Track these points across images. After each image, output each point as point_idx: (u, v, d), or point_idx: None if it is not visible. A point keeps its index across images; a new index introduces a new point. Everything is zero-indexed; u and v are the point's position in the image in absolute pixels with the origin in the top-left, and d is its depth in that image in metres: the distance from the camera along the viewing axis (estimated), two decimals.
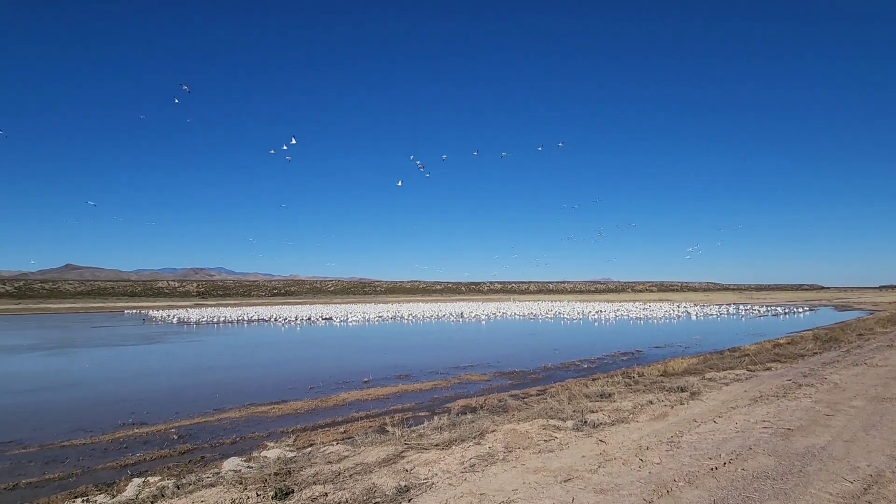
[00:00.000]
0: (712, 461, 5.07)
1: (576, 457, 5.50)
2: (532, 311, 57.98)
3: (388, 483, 4.97)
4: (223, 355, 22.57)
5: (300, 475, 5.60)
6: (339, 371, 16.48)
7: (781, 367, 11.27)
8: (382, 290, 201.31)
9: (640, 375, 12.10)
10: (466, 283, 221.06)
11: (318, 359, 20.60)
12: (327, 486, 5.04)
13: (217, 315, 53.93)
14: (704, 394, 8.62)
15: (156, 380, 15.84)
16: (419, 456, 5.94)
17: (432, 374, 15.63)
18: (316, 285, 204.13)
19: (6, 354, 23.26)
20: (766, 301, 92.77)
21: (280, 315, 53.10)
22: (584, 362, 17.77)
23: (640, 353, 20.38)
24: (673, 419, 7.00)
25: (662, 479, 4.63)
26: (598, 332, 32.47)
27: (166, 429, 9.71)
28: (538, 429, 6.89)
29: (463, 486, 4.77)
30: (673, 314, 49.28)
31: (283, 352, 23.64)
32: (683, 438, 5.95)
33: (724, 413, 7.16)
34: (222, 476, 6.28)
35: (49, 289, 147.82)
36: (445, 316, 51.78)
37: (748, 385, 9.32)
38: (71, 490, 6.66)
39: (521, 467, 5.25)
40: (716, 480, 4.56)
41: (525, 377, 15.01)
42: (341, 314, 54.14)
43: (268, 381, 14.84)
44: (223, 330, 37.49)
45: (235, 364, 19.24)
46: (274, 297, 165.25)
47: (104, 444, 8.87)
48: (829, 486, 4.32)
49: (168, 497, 5.39)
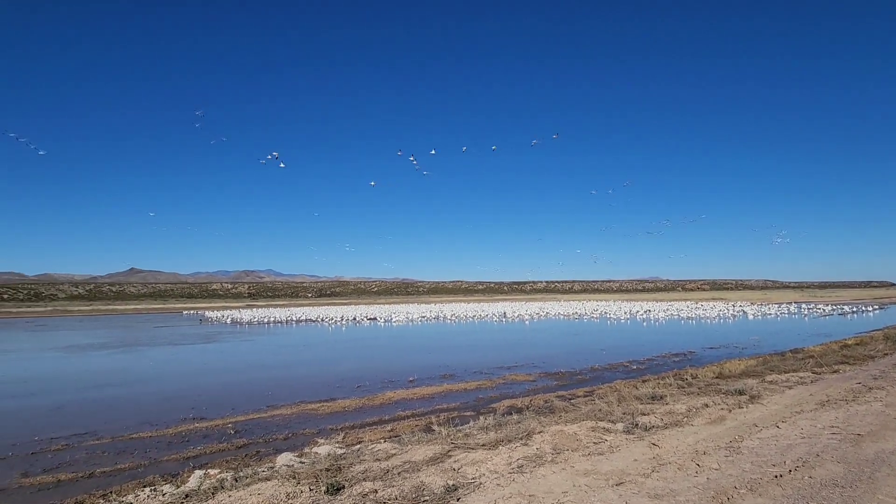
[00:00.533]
0: (776, 468, 4.80)
1: (627, 460, 5.35)
2: (577, 311, 56.85)
3: (436, 482, 5.01)
4: (274, 354, 23.46)
5: (350, 471, 5.73)
6: (384, 370, 16.76)
7: (850, 370, 10.53)
8: (425, 290, 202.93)
9: (693, 377, 11.63)
10: (509, 282, 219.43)
11: (364, 358, 21.03)
12: (377, 483, 5.13)
13: (267, 315, 56.04)
14: (765, 397, 8.18)
15: (213, 377, 16.65)
16: (466, 455, 5.95)
17: (476, 374, 15.61)
18: (360, 286, 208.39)
19: (81, 353, 25.10)
20: (831, 299, 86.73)
21: (326, 315, 54.57)
22: (632, 363, 17.25)
23: (692, 354, 19.58)
24: (731, 423, 6.68)
25: (722, 486, 4.43)
26: (646, 332, 31.43)
27: (223, 424, 10.19)
28: (587, 431, 6.75)
29: (511, 487, 4.74)
30: (727, 314, 47.00)
31: (330, 351, 24.29)
32: (744, 444, 5.66)
33: (788, 418, 6.77)
34: (276, 470, 6.52)
35: (116, 291, 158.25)
36: (488, 316, 51.60)
37: (814, 388, 8.77)
38: (140, 479, 7.10)
39: (570, 469, 5.16)
40: (780, 488, 4.31)
41: (571, 378, 14.74)
42: (385, 314, 55.00)
43: (316, 380, 15.29)
44: (273, 330, 38.92)
45: (285, 362, 19.95)
46: (320, 297, 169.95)
47: (168, 437, 9.41)
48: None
49: (227, 489, 5.65)
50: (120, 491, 6.67)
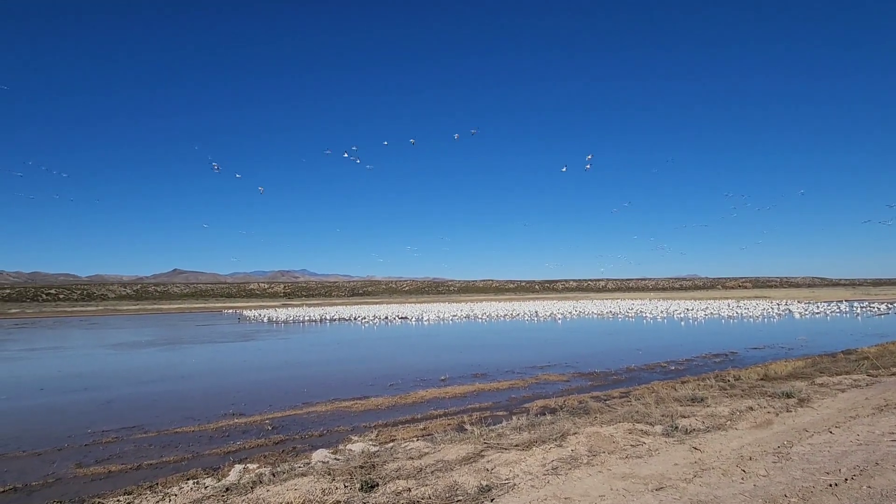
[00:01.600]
0: (830, 476, 4.53)
1: (667, 464, 5.16)
2: (611, 310, 55.66)
3: (469, 481, 4.96)
4: (309, 352, 23.96)
5: (384, 469, 5.75)
6: (416, 369, 16.83)
7: None
8: (455, 289, 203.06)
9: (736, 379, 11.17)
10: (540, 281, 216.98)
11: (396, 357, 21.19)
12: (410, 482, 5.13)
13: (302, 314, 57.30)
14: (816, 401, 7.76)
15: (251, 374, 17.12)
16: (499, 456, 5.88)
17: (509, 374, 15.48)
18: (391, 285, 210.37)
19: (129, 350, 26.31)
20: (887, 297, 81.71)
21: (359, 314, 55.36)
22: (670, 363, 16.73)
23: (734, 354, 18.83)
24: (779, 427, 6.36)
25: (770, 494, 4.20)
26: (684, 331, 30.44)
27: (261, 420, 10.44)
28: (623, 433, 6.56)
29: (546, 489, 4.65)
30: (772, 313, 45.00)
31: (363, 350, 24.59)
32: (793, 449, 5.38)
33: (842, 423, 6.39)
34: (312, 466, 6.62)
35: (160, 291, 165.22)
36: (520, 315, 51.16)
37: (870, 392, 8.26)
38: (184, 472, 7.36)
39: (606, 472, 5.01)
40: (836, 498, 4.06)
41: (606, 378, 14.41)
42: (416, 313, 55.35)
43: (350, 378, 15.50)
44: (308, 328, 39.75)
45: (320, 360, 20.33)
46: (352, 297, 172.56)
47: (209, 432, 9.71)
48: None
49: (265, 483, 5.76)
50: (165, 483, 6.92)
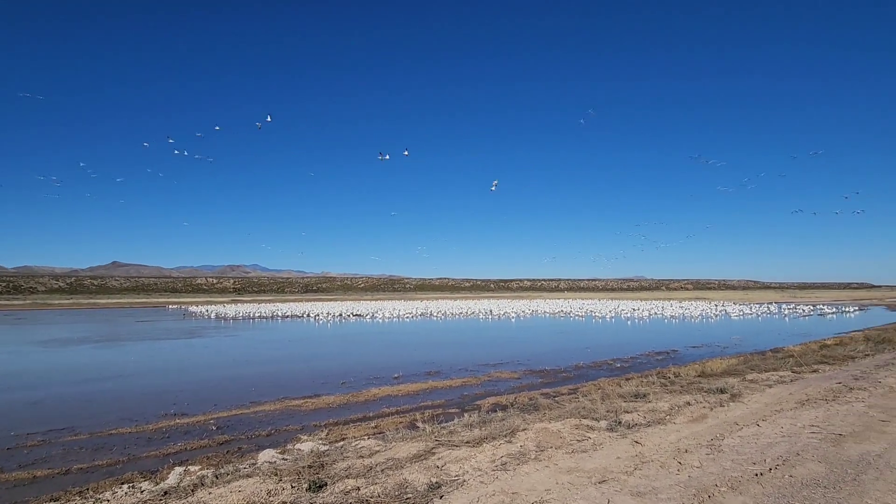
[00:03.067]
0: (757, 466, 4.85)
1: (610, 458, 5.37)
2: (563, 309, 57.21)
3: (419, 479, 4.97)
4: (258, 350, 23.21)
5: (333, 468, 5.67)
6: (369, 367, 16.67)
7: (830, 370, 10.72)
8: (411, 287, 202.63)
9: (676, 376, 11.75)
10: (496, 280, 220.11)
11: (349, 354, 20.89)
12: (359, 481, 5.08)
13: (252, 311, 55.47)
14: (746, 396, 8.28)
15: (196, 372, 16.40)
16: (450, 453, 5.92)
17: (462, 372, 15.60)
18: (346, 282, 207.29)
19: (60, 347, 24.57)
20: (811, 300, 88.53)
21: (312, 311, 54.18)
22: (616, 361, 17.39)
23: (675, 352, 19.80)
24: (713, 421, 6.75)
25: (703, 484, 4.45)
26: (631, 330, 31.74)
27: (205, 420, 10.03)
28: (570, 428, 6.76)
29: (495, 485, 4.72)
30: (710, 313, 47.68)
31: (315, 347, 24.09)
32: (725, 442, 5.72)
33: (769, 416, 6.86)
34: (258, 467, 6.43)
35: (97, 285, 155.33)
36: (475, 313, 51.69)
37: (793, 387, 8.91)
38: (118, 476, 6.96)
39: (553, 467, 5.15)
40: (761, 487, 4.35)
41: (556, 375, 14.80)
42: (371, 311, 54.79)
43: (301, 376, 15.15)
44: (258, 325, 38.53)
45: (270, 358, 19.73)
46: (306, 293, 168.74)
47: (148, 433, 9.23)
48: (889, 497, 4.06)
49: (207, 486, 5.54)
50: (97, 488, 6.52)
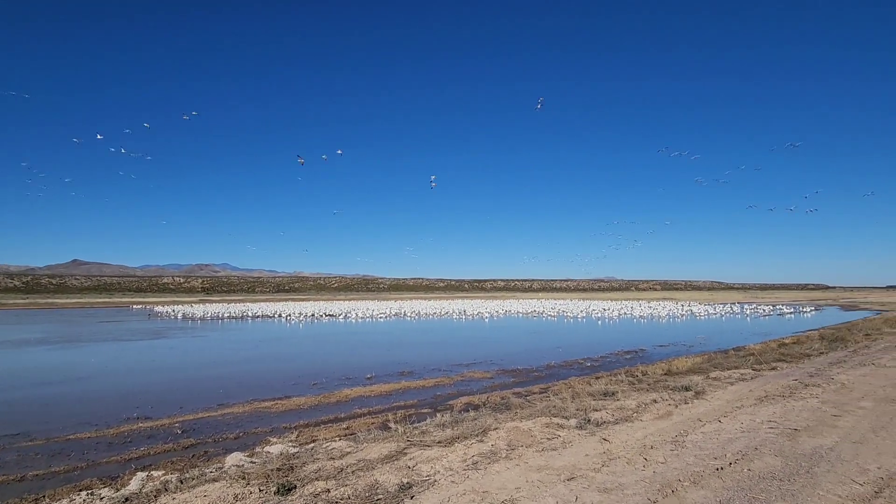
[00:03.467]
0: (717, 461, 5.02)
1: (579, 455, 5.46)
2: (535, 309, 57.88)
3: (390, 480, 4.95)
4: (227, 351, 22.67)
5: (302, 471, 5.59)
6: (341, 367, 16.50)
7: (787, 367, 11.17)
8: (385, 287, 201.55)
9: (643, 374, 12.04)
10: (470, 280, 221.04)
11: (321, 355, 20.63)
12: (329, 482, 5.03)
13: (221, 311, 54.17)
14: (709, 393, 8.56)
15: (160, 375, 15.90)
16: (422, 453, 5.92)
17: (435, 372, 15.61)
18: (319, 282, 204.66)
19: (15, 349, 23.44)
20: (771, 300, 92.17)
21: (283, 311, 53.25)
22: (587, 360, 17.70)
23: (643, 351, 20.29)
24: (677, 418, 6.95)
25: (667, 479, 4.58)
26: (601, 330, 32.36)
27: (170, 423, 9.74)
28: (541, 427, 6.85)
29: (465, 484, 4.74)
30: (677, 313, 49.06)
31: (287, 348, 23.69)
32: (688, 438, 5.90)
33: (729, 413, 7.10)
34: (225, 471, 6.28)
35: (56, 284, 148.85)
36: (448, 313, 51.77)
37: (753, 385, 9.25)
38: (76, 483, 6.69)
39: (523, 465, 5.21)
40: (721, 481, 4.51)
41: (528, 375, 14.97)
42: (344, 311, 54.23)
43: (271, 377, 14.87)
44: (227, 326, 37.64)
45: (239, 359, 19.30)
46: (277, 293, 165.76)
47: (109, 437, 8.90)
48: (839, 489, 4.26)
49: (171, 491, 5.39)
50: (54, 495, 6.26)
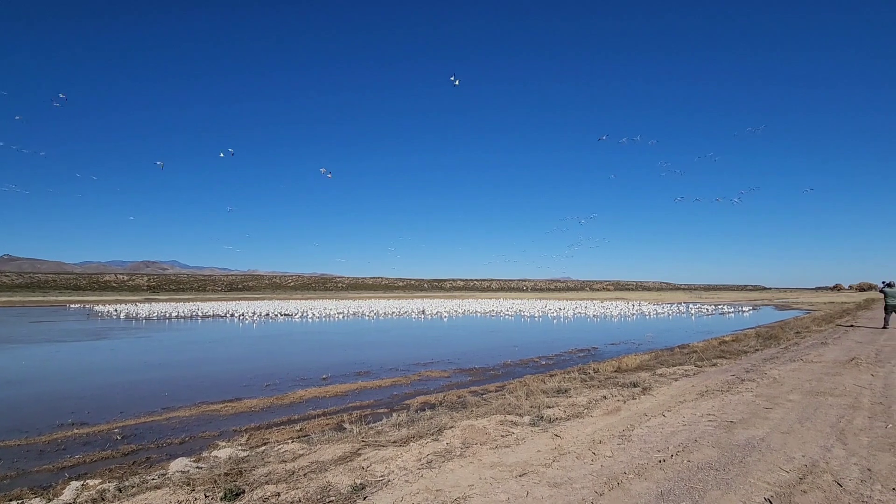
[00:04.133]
0: (660, 453, 5.26)
1: (531, 451, 5.59)
2: (493, 309, 58.62)
3: (343, 481, 4.89)
4: (174, 352, 21.68)
5: (252, 475, 5.43)
6: (296, 368, 16.14)
7: (726, 363, 11.83)
8: (344, 286, 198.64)
9: (595, 371, 12.43)
10: (429, 280, 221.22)
11: (276, 355, 20.09)
12: (280, 486, 4.91)
13: (169, 310, 51.78)
14: (655, 389, 8.94)
15: (100, 377, 15.02)
16: (376, 453, 5.88)
17: (392, 371, 15.54)
18: (275, 281, 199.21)
19: None
20: (714, 300, 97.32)
21: (236, 311, 51.51)
22: (542, 359, 18.10)
23: (596, 349, 20.95)
24: (625, 413, 7.22)
25: (613, 472, 4.76)
26: (556, 329, 33.17)
27: (109, 429, 9.23)
28: (496, 424, 6.95)
29: (419, 483, 4.75)
30: (628, 312, 50.95)
31: (239, 348, 22.92)
32: (634, 432, 6.14)
33: (673, 407, 7.45)
34: (169, 477, 6.02)
35: None
36: (407, 313, 51.62)
37: (696, 380, 9.74)
38: (4, 493, 6.24)
39: (477, 463, 5.28)
40: (663, 472, 4.73)
41: (485, 374, 15.15)
42: (301, 310, 53.05)
43: (221, 379, 14.36)
44: (175, 325, 36.02)
45: (187, 361, 18.51)
46: (231, 292, 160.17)
47: (41, 445, 8.34)
48: (767, 476, 4.56)
49: (108, 500, 5.12)
50: None
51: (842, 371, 10.16)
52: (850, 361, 11.37)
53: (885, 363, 11.12)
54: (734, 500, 4.08)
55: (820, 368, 10.56)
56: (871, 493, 4.19)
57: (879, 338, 16.60)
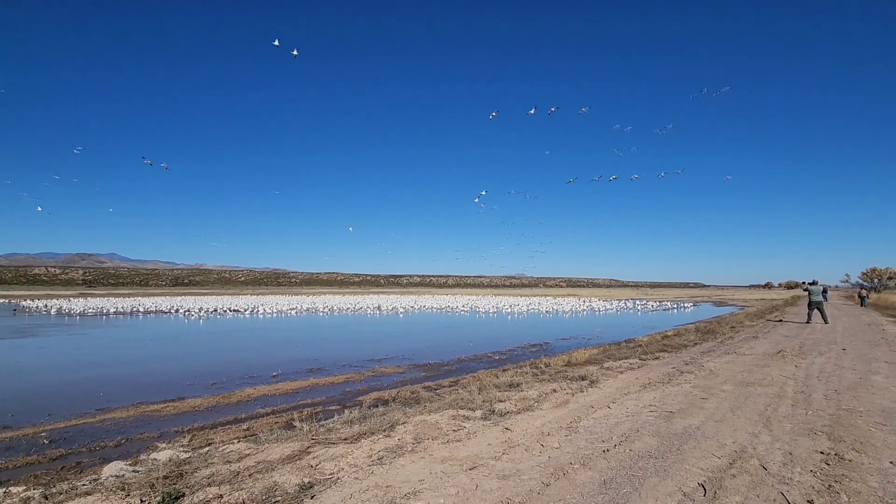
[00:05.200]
0: (605, 444, 5.46)
1: (482, 445, 5.66)
2: (449, 305, 58.93)
3: (290, 480, 4.78)
4: (111, 350, 20.43)
5: (193, 477, 5.21)
6: (245, 366, 15.61)
7: (668, 357, 12.42)
8: (298, 281, 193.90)
9: (546, 366, 12.74)
10: (386, 275, 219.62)
11: (223, 353, 19.35)
12: (223, 488, 4.74)
13: (107, 306, 48.79)
14: (602, 382, 9.27)
15: (25, 378, 13.94)
16: (326, 451, 5.79)
17: (346, 368, 15.32)
18: (225, 275, 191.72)
19: None
20: (659, 297, 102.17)
21: (182, 306, 49.22)
22: (496, 354, 18.37)
23: (548, 344, 21.49)
24: (573, 406, 7.45)
25: (560, 463, 4.90)
26: (510, 325, 33.75)
27: (35, 433, 8.60)
28: (448, 419, 6.99)
29: (369, 480, 4.71)
30: (579, 308, 52.60)
31: (183, 346, 21.89)
32: (581, 424, 6.34)
33: (618, 399, 7.75)
34: (101, 482, 5.68)
35: None
36: (363, 308, 51.05)
37: (640, 373, 10.17)
38: None
39: (428, 458, 5.29)
40: (606, 461, 4.91)
41: (439, 369, 15.21)
42: (252, 306, 51.34)
43: (163, 378, 13.68)
44: (113, 322, 33.98)
45: (125, 359, 17.49)
46: (176, 286, 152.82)
47: None
48: (701, 462, 4.83)
49: None
50: None
51: (770, 363, 10.90)
52: (778, 354, 12.22)
53: (807, 355, 12.02)
54: (670, 486, 4.30)
55: (751, 360, 11.28)
56: (791, 475, 4.52)
57: (803, 332, 17.95)
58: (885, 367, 10.37)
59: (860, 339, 15.63)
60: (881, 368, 10.16)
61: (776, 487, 4.27)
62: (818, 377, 9.22)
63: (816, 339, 15.65)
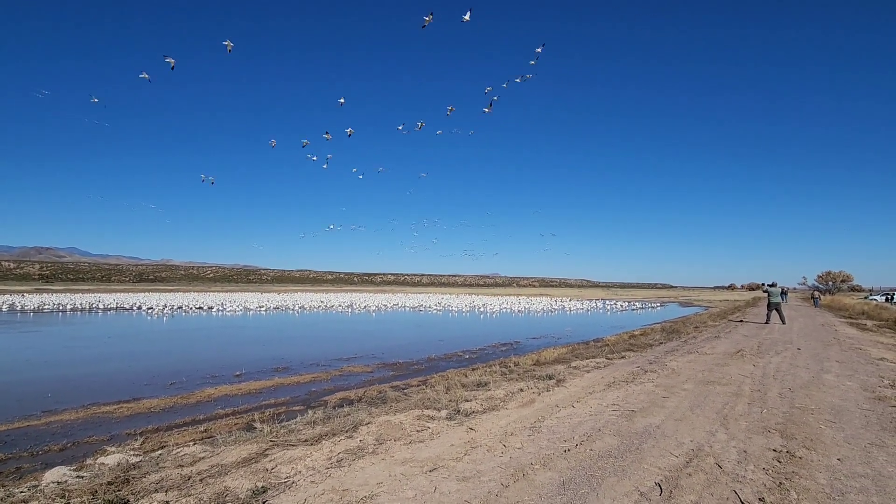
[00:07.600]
0: (566, 443, 5.46)
1: (445, 446, 5.58)
2: (422, 304, 58.77)
3: (242, 485, 4.60)
4: (65, 348, 19.50)
5: (141, 483, 4.96)
6: (207, 365, 15.14)
7: (633, 356, 12.63)
8: (269, 279, 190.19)
9: (515, 365, 12.77)
10: (359, 273, 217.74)
11: (185, 352, 18.73)
12: (171, 494, 4.52)
13: (64, 302, 46.71)
14: (568, 381, 9.33)
15: None
16: (284, 453, 5.61)
17: (313, 367, 15.03)
18: (192, 271, 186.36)
19: None
20: (628, 297, 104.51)
21: (145, 303, 47.56)
22: (466, 353, 18.36)
23: (518, 343, 21.61)
24: (539, 405, 7.45)
25: (521, 463, 4.87)
26: (482, 324, 33.86)
27: None
28: (412, 419, 6.89)
29: (325, 483, 4.57)
30: (551, 308, 53.24)
31: (143, 344, 21.08)
32: (544, 423, 6.34)
33: (583, 398, 7.80)
34: (41, 489, 5.35)
35: None
36: (334, 306, 50.39)
37: (605, 372, 10.29)
38: None
39: (389, 459, 5.18)
40: (567, 461, 4.90)
41: (408, 368, 15.09)
42: (219, 303, 50.03)
43: (119, 377, 13.12)
44: (70, 319, 32.53)
45: (79, 358, 16.72)
46: (140, 283, 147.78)
47: None
48: (659, 461, 4.87)
49: None
50: None
51: (729, 362, 11.20)
52: (737, 353, 12.58)
53: (764, 355, 12.42)
54: (628, 486, 4.32)
55: (712, 360, 11.57)
56: (745, 473, 4.60)
57: (762, 332, 18.57)
58: (836, 366, 10.79)
59: (814, 339, 16.27)
60: (832, 367, 10.57)
61: (730, 486, 4.33)
62: (774, 376, 9.51)
63: (774, 339, 16.21)
